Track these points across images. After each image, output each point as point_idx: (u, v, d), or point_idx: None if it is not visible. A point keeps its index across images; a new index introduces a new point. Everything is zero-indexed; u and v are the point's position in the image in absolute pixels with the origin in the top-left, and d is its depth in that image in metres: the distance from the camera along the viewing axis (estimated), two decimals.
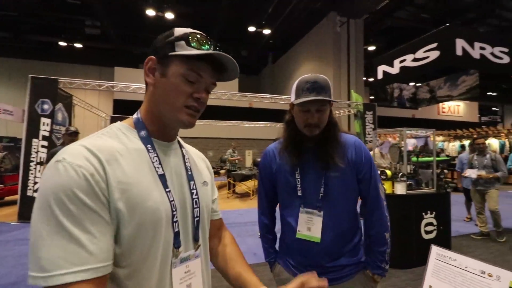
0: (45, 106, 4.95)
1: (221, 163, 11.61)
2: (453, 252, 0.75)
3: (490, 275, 0.67)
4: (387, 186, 3.22)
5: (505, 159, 5.26)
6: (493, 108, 23.89)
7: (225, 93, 7.71)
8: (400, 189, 3.13)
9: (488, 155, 4.15)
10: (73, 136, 3.67)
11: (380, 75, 6.00)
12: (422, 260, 3.15)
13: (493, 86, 18.27)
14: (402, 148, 3.49)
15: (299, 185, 1.07)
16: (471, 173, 4.18)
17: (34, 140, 4.83)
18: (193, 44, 0.60)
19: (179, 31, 0.62)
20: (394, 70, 5.61)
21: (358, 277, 1.08)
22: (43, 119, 4.87)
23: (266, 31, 13.48)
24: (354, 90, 9.90)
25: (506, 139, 10.82)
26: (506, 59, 6.76)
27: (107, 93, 14.58)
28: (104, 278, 0.48)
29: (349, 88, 12.12)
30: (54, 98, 5.11)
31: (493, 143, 10.70)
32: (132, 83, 7.11)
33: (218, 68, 0.64)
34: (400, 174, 3.16)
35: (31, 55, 14.74)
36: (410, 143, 4.52)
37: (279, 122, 13.69)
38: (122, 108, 13.16)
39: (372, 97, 15.93)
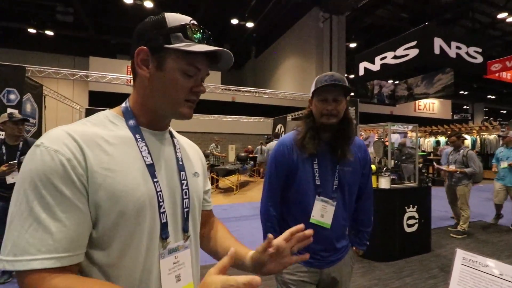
0: (11, 96, 4.56)
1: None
2: (484, 257, 0.66)
3: None
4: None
5: (486, 155, 5.57)
6: (464, 106, 25.26)
7: (208, 85, 7.52)
8: (384, 183, 3.18)
9: (461, 151, 4.29)
10: (19, 124, 2.84)
11: (361, 72, 6.08)
12: (404, 253, 3.25)
13: (465, 85, 19.26)
14: (386, 143, 3.55)
15: (317, 175, 1.17)
16: (442, 168, 4.39)
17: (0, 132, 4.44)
18: (192, 36, 0.59)
19: (172, 20, 0.59)
20: (375, 67, 5.71)
21: (349, 254, 1.28)
22: (9, 110, 4.49)
23: (249, 24, 13.29)
24: None
25: (477, 136, 11.45)
26: (479, 59, 7.10)
27: (82, 84, 13.81)
28: (72, 267, 0.47)
29: None
30: (21, 88, 4.72)
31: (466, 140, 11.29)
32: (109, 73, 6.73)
33: (212, 59, 0.64)
34: (385, 168, 3.21)
35: None
36: (394, 138, 4.62)
37: (262, 116, 13.75)
38: (98, 100, 12.54)
39: (352, 94, 16.27)
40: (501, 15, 10.75)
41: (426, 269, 2.94)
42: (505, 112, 29.29)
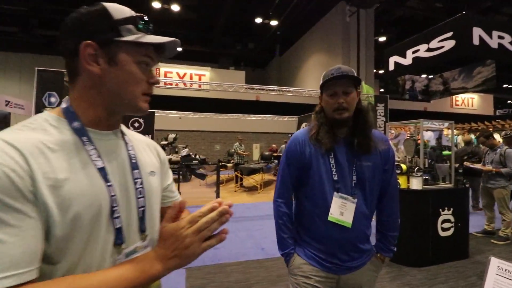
0: (52, 99, 4.95)
1: (228, 156, 11.59)
2: None
3: None
4: (402, 181, 3.10)
5: None
6: (509, 101, 23.11)
7: (232, 85, 7.60)
8: (416, 184, 3.00)
9: (498, 150, 3.94)
10: None
11: (391, 66, 5.79)
12: (438, 258, 3.05)
13: (509, 78, 17.61)
14: (418, 141, 3.35)
15: (334, 170, 1.10)
16: (475, 168, 4.11)
17: None
18: (144, 28, 0.58)
19: (116, 11, 0.56)
20: (407, 61, 5.40)
21: (372, 261, 1.16)
22: None
23: (273, 23, 13.22)
24: (365, 82, 9.65)
25: None
26: None
27: None
28: (32, 282, 0.44)
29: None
30: (60, 91, 5.11)
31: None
32: None
33: (158, 49, 0.62)
34: (416, 168, 3.03)
35: (40, 49, 14.85)
36: (427, 136, 4.36)
37: (286, 115, 13.63)
38: None
39: (382, 90, 15.57)
40: None
41: (463, 277, 2.74)
42: None
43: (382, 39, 13.59)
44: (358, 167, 1.10)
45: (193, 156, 9.03)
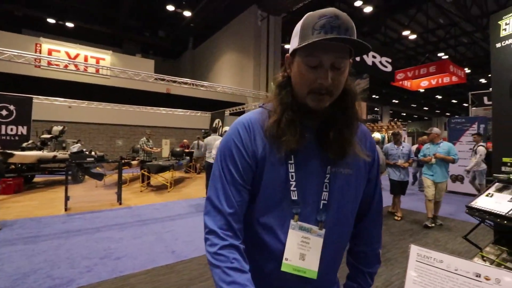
0: None
1: (133, 153, 10.46)
2: (439, 252, 0.62)
3: (487, 278, 0.55)
4: None
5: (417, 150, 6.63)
6: (376, 108, 29.51)
7: (139, 73, 6.86)
8: None
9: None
10: None
11: None
12: None
13: (376, 90, 22.47)
14: None
15: (294, 183, 0.68)
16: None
17: None
18: None
19: None
20: None
21: None
22: None
23: (187, 13, 12.66)
24: (272, 83, 10.42)
25: (386, 133, 13.60)
26: (389, 68, 8.38)
27: None
28: None
29: (268, 80, 12.72)
30: None
31: (376, 136, 13.29)
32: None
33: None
34: None
35: None
36: None
37: (200, 110, 13.38)
38: None
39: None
40: (405, 32, 12.82)
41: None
42: (404, 114, 35.41)
43: (287, 46, 14.94)
44: (333, 177, 0.71)
45: (87, 152, 7.70)
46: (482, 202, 2.01)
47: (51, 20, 13.00)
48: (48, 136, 7.83)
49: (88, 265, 2.86)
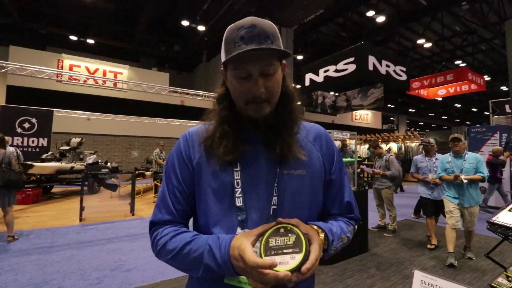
0: None
1: (147, 164, 10.65)
2: (443, 280, 0.58)
3: None
4: None
5: (409, 160, 6.40)
6: (391, 118, 28.82)
7: (152, 86, 7.05)
8: None
9: (384, 157, 4.79)
10: None
11: (307, 82, 6.44)
12: (346, 254, 3.43)
13: (392, 99, 22.01)
14: None
15: (239, 190, 0.66)
16: (368, 170, 4.95)
17: None
18: None
19: None
20: (319, 78, 6.10)
21: None
22: None
23: (201, 28, 13.03)
24: None
25: (402, 143, 13.16)
26: (404, 77, 8.18)
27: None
28: None
29: None
30: None
31: (393, 146, 12.85)
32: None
33: None
34: None
35: None
36: (336, 145, 5.01)
37: None
38: (19, 96, 10.77)
39: (299, 103, 17.17)
40: (420, 41, 12.59)
41: (365, 269, 3.15)
42: (422, 123, 34.34)
43: (299, 57, 15.02)
44: (282, 180, 0.68)
45: (102, 164, 7.91)
46: (505, 217, 1.87)
47: (73, 37, 13.73)
48: (67, 147, 8.13)
49: (99, 277, 2.87)
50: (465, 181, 3.21)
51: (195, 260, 0.61)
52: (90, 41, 14.34)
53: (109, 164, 8.45)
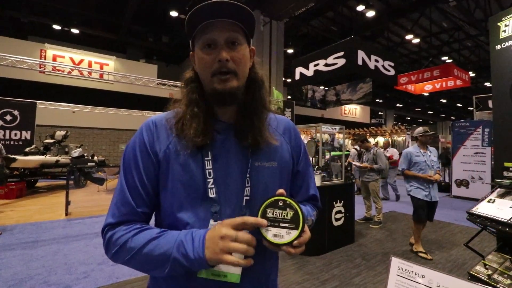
0: None
1: None
2: (421, 266, 0.58)
3: None
4: None
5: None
6: (380, 113, 29.30)
7: (140, 77, 6.91)
8: (316, 181, 3.39)
9: (371, 151, 4.89)
10: None
11: (297, 76, 6.45)
12: (332, 245, 3.52)
13: (380, 94, 22.34)
14: (318, 143, 3.79)
15: (212, 180, 0.64)
16: (355, 163, 5.11)
17: None
18: None
19: None
20: (309, 72, 6.12)
21: None
22: None
23: None
24: (275, 88, 10.42)
25: (389, 137, 13.45)
26: (392, 72, 8.30)
27: None
28: None
29: (270, 85, 12.73)
30: None
31: (380, 140, 13.11)
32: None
33: None
34: (316, 167, 3.42)
35: None
36: (324, 139, 5.04)
37: None
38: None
39: (289, 97, 17.20)
40: (408, 37, 12.77)
41: (351, 259, 3.24)
42: (409, 118, 35.11)
43: (290, 51, 14.98)
44: (255, 171, 0.68)
45: (89, 157, 7.74)
46: (484, 208, 1.95)
47: (56, 27, 13.20)
48: (51, 141, 7.90)
49: (85, 271, 2.84)
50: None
51: (161, 256, 0.57)
52: (75, 30, 13.83)
53: (96, 157, 8.27)
